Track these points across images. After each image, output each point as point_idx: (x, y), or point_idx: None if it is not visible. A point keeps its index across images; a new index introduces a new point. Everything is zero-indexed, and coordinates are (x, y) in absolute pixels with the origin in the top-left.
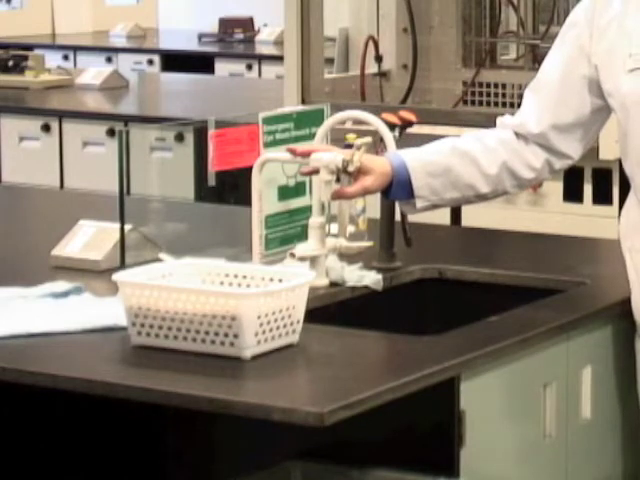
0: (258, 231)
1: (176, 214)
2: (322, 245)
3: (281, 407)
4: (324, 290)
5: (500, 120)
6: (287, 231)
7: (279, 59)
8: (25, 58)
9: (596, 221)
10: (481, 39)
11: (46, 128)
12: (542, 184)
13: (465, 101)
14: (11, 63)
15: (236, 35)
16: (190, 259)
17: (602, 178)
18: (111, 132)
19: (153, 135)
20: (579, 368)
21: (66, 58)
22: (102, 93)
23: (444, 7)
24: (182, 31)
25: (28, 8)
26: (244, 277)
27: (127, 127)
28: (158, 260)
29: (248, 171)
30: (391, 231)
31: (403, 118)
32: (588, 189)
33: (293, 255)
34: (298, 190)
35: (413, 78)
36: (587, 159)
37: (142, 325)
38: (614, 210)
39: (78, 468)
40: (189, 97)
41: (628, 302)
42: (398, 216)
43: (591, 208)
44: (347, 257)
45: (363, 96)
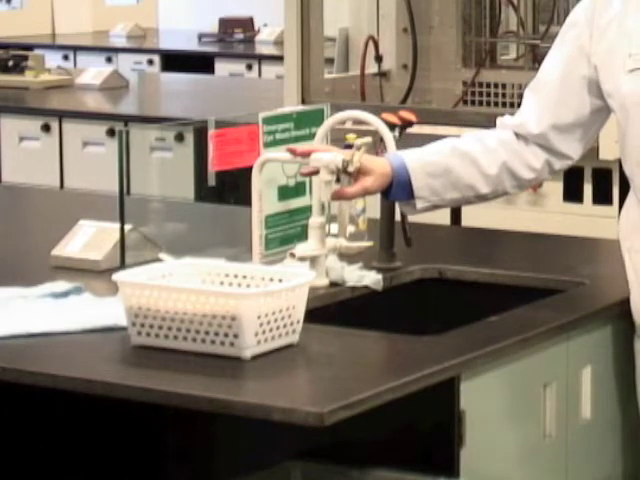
0: (258, 231)
1: (176, 214)
2: (322, 245)
3: (281, 407)
4: (324, 290)
5: (500, 120)
6: (287, 231)
7: (279, 59)
8: (25, 58)
9: (596, 221)
10: (481, 39)
11: (46, 128)
12: (542, 184)
13: (465, 101)
14: (11, 63)
15: (236, 35)
16: (190, 259)
17: (602, 178)
18: (111, 132)
19: (153, 135)
20: (579, 368)
21: (66, 58)
22: (102, 93)
23: (444, 7)
24: (182, 31)
25: (28, 8)
26: (244, 277)
27: (127, 127)
28: (158, 260)
29: (248, 171)
30: (391, 231)
31: (403, 118)
32: (588, 189)
33: (293, 255)
34: (298, 190)
35: (413, 78)
36: (587, 159)
37: (142, 325)
38: (614, 210)
39: (78, 468)
40: (189, 97)
41: (628, 302)
42: (398, 216)
43: (591, 208)
44: (347, 257)
45: (363, 96)
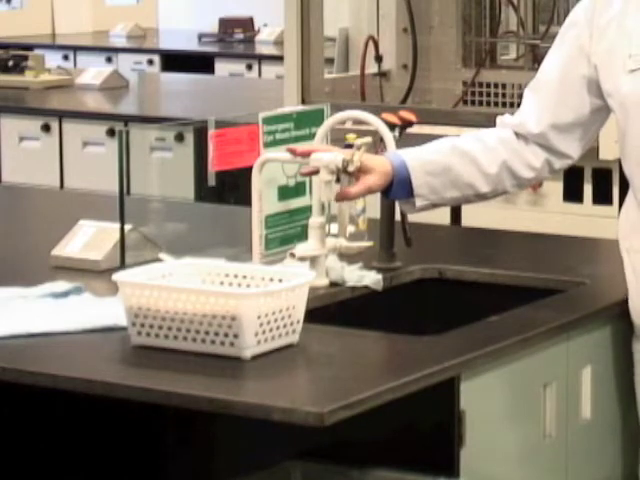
0: (258, 231)
1: (176, 214)
2: (322, 245)
3: (281, 407)
4: (324, 290)
5: (500, 119)
6: (287, 231)
7: (279, 59)
8: (25, 58)
9: (596, 221)
10: (481, 39)
11: (46, 128)
12: (542, 184)
13: (465, 101)
14: (11, 63)
15: (236, 35)
16: (190, 259)
17: (602, 178)
18: (111, 132)
19: (153, 135)
20: (579, 368)
21: (66, 58)
22: (102, 93)
23: (444, 7)
24: (182, 31)
25: (28, 8)
26: (244, 277)
27: (127, 127)
28: (158, 260)
29: (248, 171)
30: (391, 231)
31: (403, 118)
32: (588, 189)
33: (293, 255)
34: (298, 190)
35: (413, 78)
36: (587, 159)
37: (142, 325)
38: (614, 210)
39: (78, 468)
40: (189, 97)
41: (627, 302)
42: (398, 216)
43: (591, 208)
44: (347, 257)
45: (363, 96)
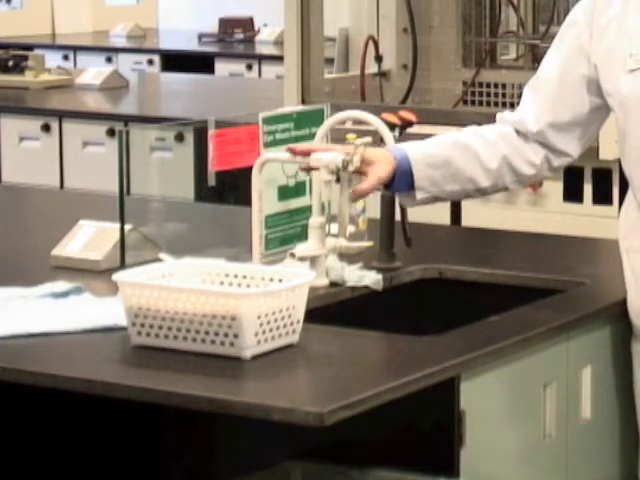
0: (258, 231)
1: (176, 214)
2: (322, 245)
3: (281, 407)
4: (324, 290)
5: (500, 115)
6: (287, 231)
7: (279, 59)
8: (25, 58)
9: (596, 221)
10: (481, 39)
11: (46, 128)
12: (542, 184)
13: (465, 101)
14: (11, 63)
15: (236, 35)
16: (190, 259)
17: (602, 178)
18: (111, 132)
19: (153, 135)
20: (579, 368)
21: (66, 58)
22: (102, 93)
23: (444, 7)
24: (182, 31)
25: (28, 8)
26: (244, 277)
27: (127, 127)
28: (158, 260)
29: (248, 171)
30: (391, 231)
31: (403, 118)
32: (588, 189)
33: (293, 255)
34: (298, 190)
35: (413, 78)
36: (587, 159)
37: (142, 325)
38: (614, 210)
39: (78, 468)
40: (189, 97)
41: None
42: (398, 216)
43: (591, 208)
44: (347, 257)
45: (363, 96)
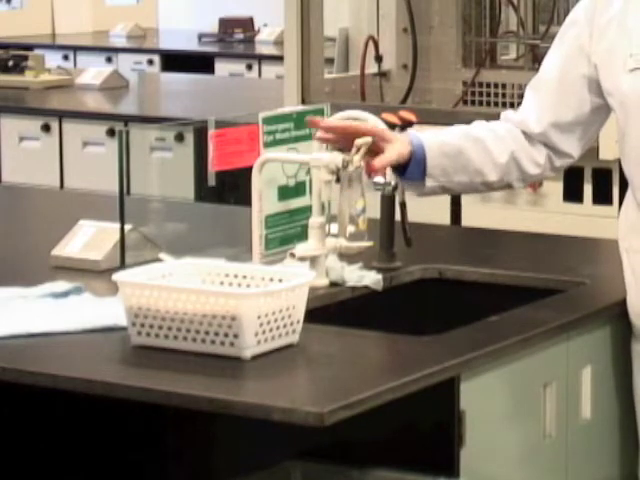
0: (258, 231)
1: (176, 214)
2: (322, 245)
3: (281, 407)
4: (324, 290)
5: (504, 114)
6: (287, 231)
7: (279, 59)
8: (25, 58)
9: (596, 221)
10: (481, 39)
11: (46, 128)
12: (542, 184)
13: (465, 101)
14: (11, 63)
15: (236, 35)
16: (190, 259)
17: (602, 178)
18: (111, 132)
19: (153, 135)
20: (579, 368)
21: (66, 58)
22: (102, 93)
23: (444, 7)
24: (182, 31)
25: (28, 8)
26: (244, 277)
27: (127, 127)
28: (158, 260)
29: (248, 171)
30: (391, 231)
31: (403, 118)
32: (588, 189)
33: (293, 255)
34: (298, 190)
35: (413, 78)
36: (587, 159)
37: (142, 325)
38: (614, 210)
39: (78, 468)
40: (189, 97)
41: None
42: (398, 216)
43: (591, 208)
44: (347, 257)
45: (363, 96)
